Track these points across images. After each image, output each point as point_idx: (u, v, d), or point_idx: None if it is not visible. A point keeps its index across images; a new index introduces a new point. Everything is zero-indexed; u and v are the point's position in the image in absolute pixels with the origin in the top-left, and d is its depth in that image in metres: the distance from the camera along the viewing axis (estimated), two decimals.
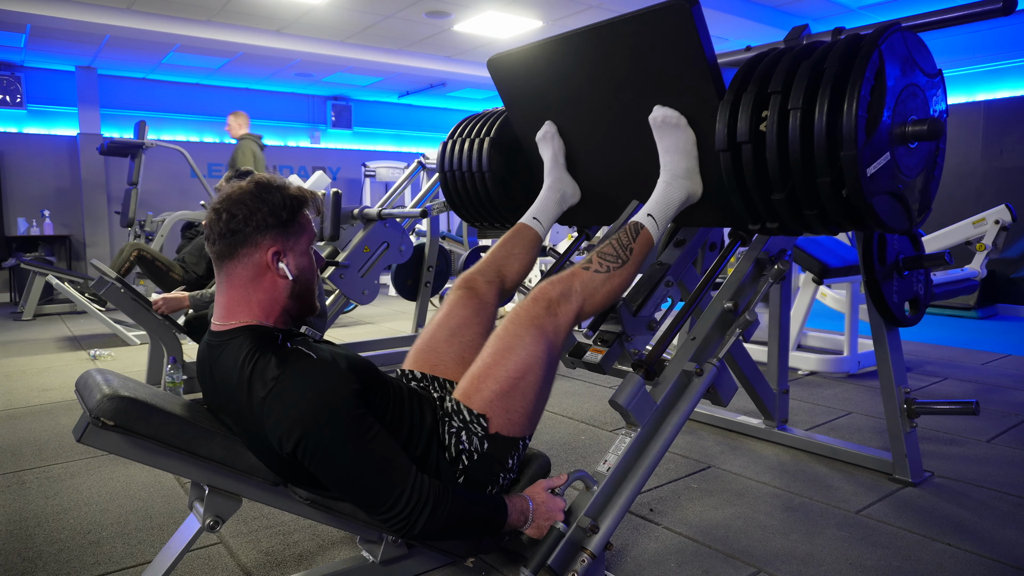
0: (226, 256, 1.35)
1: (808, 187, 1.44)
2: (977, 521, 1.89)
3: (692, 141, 1.68)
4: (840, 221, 1.49)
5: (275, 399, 1.23)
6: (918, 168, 1.54)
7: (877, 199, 1.42)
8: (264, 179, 1.38)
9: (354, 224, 3.92)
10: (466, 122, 2.39)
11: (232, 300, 1.36)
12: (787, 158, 1.43)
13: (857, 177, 1.36)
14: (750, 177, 1.50)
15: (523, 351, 1.44)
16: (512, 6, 5.61)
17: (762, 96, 1.47)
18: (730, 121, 1.51)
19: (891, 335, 2.16)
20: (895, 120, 1.43)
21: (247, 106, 8.73)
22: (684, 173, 1.69)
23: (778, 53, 1.54)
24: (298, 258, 1.39)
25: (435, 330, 1.70)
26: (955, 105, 6.24)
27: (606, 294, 1.57)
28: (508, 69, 2.02)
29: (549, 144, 2.00)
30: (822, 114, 1.36)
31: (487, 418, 1.41)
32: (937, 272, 3.79)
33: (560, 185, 2.00)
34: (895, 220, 1.50)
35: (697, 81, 1.61)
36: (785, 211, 1.51)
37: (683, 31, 1.56)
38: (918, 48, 1.50)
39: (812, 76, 1.40)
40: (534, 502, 1.44)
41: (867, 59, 1.35)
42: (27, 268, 5.66)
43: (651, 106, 1.71)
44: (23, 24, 5.75)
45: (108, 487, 2.17)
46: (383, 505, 1.25)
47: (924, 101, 1.52)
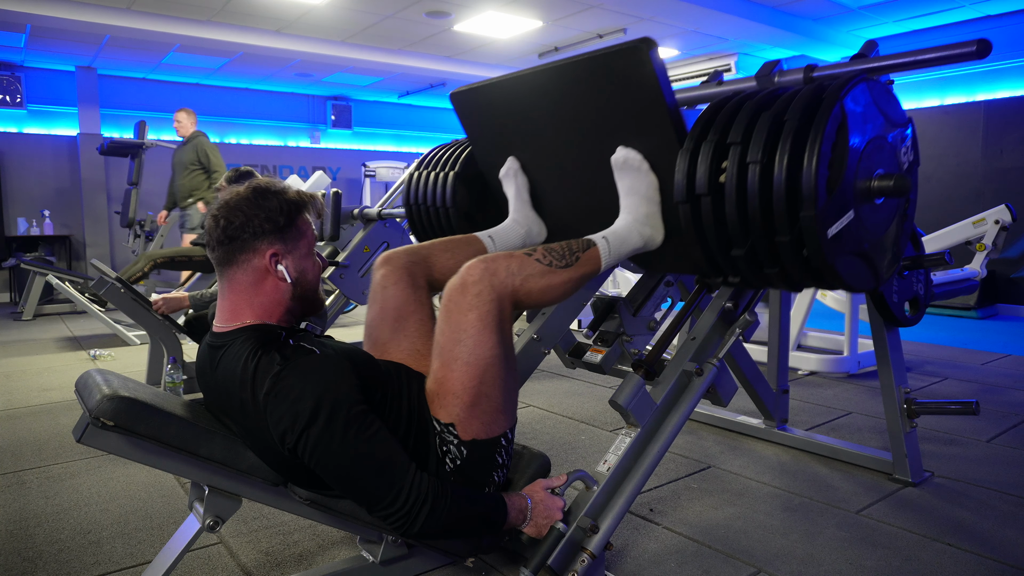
0: (226, 262, 1.36)
1: (768, 245, 1.37)
2: (977, 521, 1.89)
3: (654, 186, 1.62)
4: (803, 280, 1.42)
5: (278, 395, 1.23)
6: (886, 224, 1.47)
7: (840, 260, 1.35)
8: (262, 184, 1.38)
9: (354, 224, 3.92)
10: (434, 152, 2.34)
11: (234, 304, 1.37)
12: (746, 214, 1.37)
13: (817, 239, 1.30)
14: (710, 231, 1.44)
15: (471, 355, 1.36)
16: (512, 6, 5.61)
17: (722, 146, 1.41)
18: (688, 171, 1.44)
19: (891, 335, 2.16)
20: (859, 176, 1.36)
21: (247, 106, 8.76)
22: (644, 219, 1.63)
23: (740, 99, 1.47)
24: (298, 261, 1.39)
25: (376, 328, 1.64)
26: (955, 105, 6.24)
27: (543, 288, 1.46)
28: (470, 104, 1.96)
29: (512, 181, 1.95)
30: (781, 170, 1.30)
31: (456, 427, 1.39)
32: (937, 272, 3.79)
33: (526, 222, 1.95)
34: (860, 281, 1.44)
35: (657, 125, 1.55)
36: (746, 268, 1.45)
37: (641, 74, 1.50)
38: (885, 97, 1.43)
39: (772, 128, 1.34)
40: (533, 501, 1.44)
41: (828, 113, 1.28)
42: (27, 268, 5.66)
43: (613, 146, 1.65)
44: (23, 24, 5.75)
45: (108, 487, 2.17)
46: (383, 502, 1.25)
47: (891, 153, 1.45)
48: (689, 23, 5.90)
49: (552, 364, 3.86)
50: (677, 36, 6.47)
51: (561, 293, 1.51)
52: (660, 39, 6.59)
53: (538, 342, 2.02)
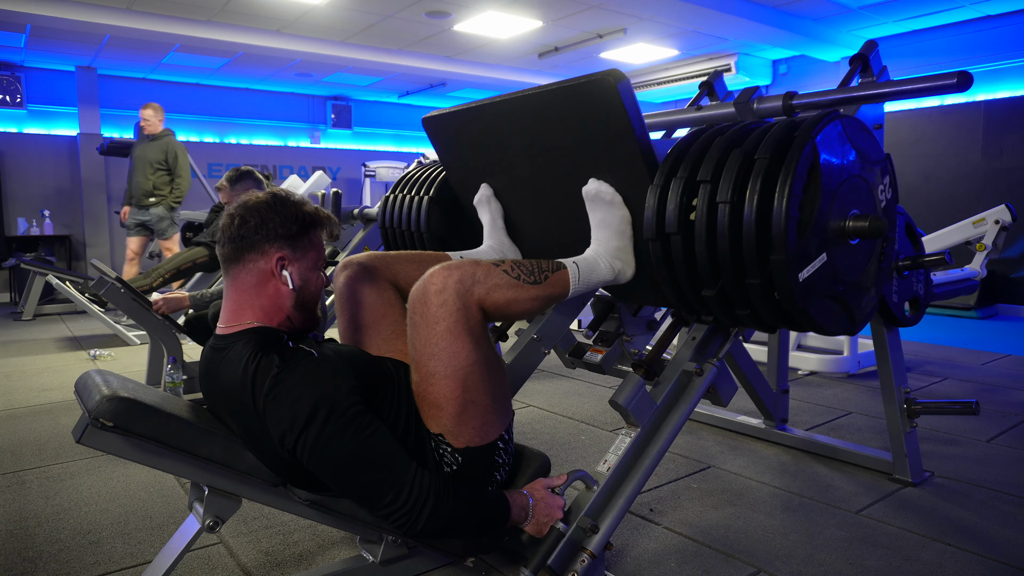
0: (233, 260, 1.37)
1: (739, 287, 1.35)
2: (977, 521, 1.89)
3: (626, 220, 1.60)
4: (775, 323, 1.39)
5: (277, 396, 1.24)
6: (862, 265, 1.43)
7: (813, 304, 1.32)
8: (283, 193, 1.41)
9: (354, 224, 3.92)
10: (410, 173, 2.33)
11: (237, 304, 1.38)
12: (716, 254, 1.34)
13: (788, 282, 1.27)
14: (679, 270, 1.42)
15: (447, 367, 1.33)
16: (512, 6, 5.61)
17: (692, 183, 1.38)
18: (658, 208, 1.42)
19: (891, 335, 2.16)
20: (832, 216, 1.33)
21: (247, 106, 8.76)
22: (614, 251, 1.62)
23: (711, 134, 1.45)
24: (304, 271, 1.41)
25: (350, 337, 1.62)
26: (955, 105, 6.24)
27: (508, 300, 1.41)
28: (443, 129, 1.95)
29: (486, 207, 1.94)
30: (751, 210, 1.27)
31: (446, 438, 1.39)
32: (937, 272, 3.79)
33: (501, 248, 1.94)
34: (835, 325, 1.40)
35: (629, 157, 1.52)
36: (716, 309, 1.42)
37: (611, 106, 1.47)
38: (860, 134, 1.40)
39: (743, 167, 1.31)
40: (534, 499, 1.44)
41: (799, 153, 1.26)
42: (27, 268, 5.66)
43: (586, 177, 1.63)
44: (23, 24, 5.75)
45: (108, 487, 2.17)
46: (384, 501, 1.25)
47: (868, 191, 1.41)
48: (689, 23, 5.90)
49: (552, 364, 3.86)
50: (677, 36, 6.47)
51: (526, 309, 1.47)
52: (660, 39, 6.59)
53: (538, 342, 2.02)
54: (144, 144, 5.68)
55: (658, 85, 7.89)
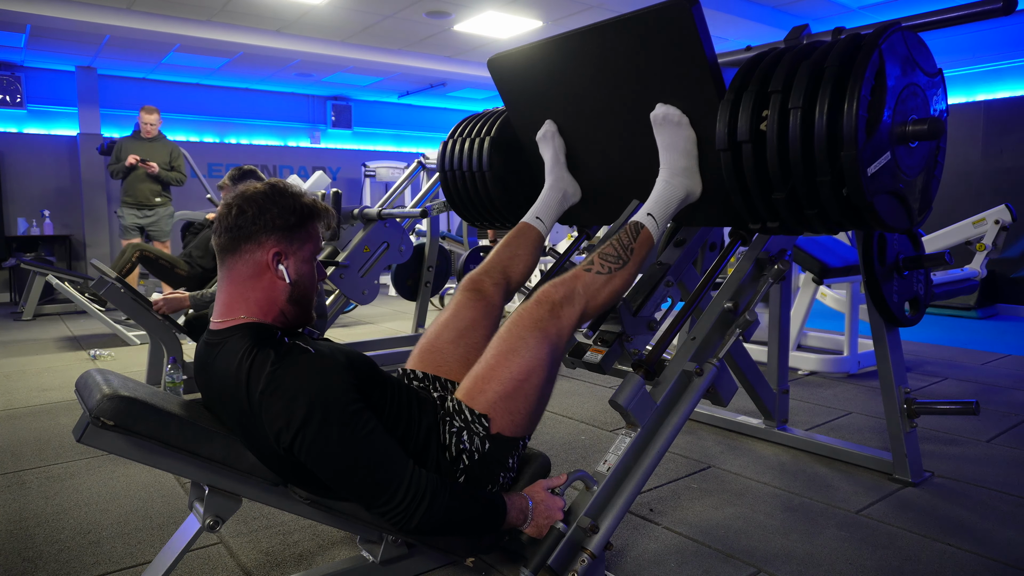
0: (229, 250, 1.37)
1: (808, 186, 1.43)
2: (977, 521, 1.89)
3: (692, 140, 1.67)
4: (841, 220, 1.48)
5: (273, 393, 1.23)
6: (918, 167, 1.54)
7: (878, 198, 1.41)
8: (281, 184, 1.42)
9: (354, 224, 3.92)
10: (466, 122, 2.38)
11: (231, 297, 1.37)
12: (787, 157, 1.43)
13: (858, 177, 1.35)
14: (750, 176, 1.50)
15: (527, 353, 1.44)
16: (512, 6, 5.61)
17: (762, 95, 1.46)
18: (730, 121, 1.50)
19: (891, 335, 2.16)
20: (895, 120, 1.43)
21: (247, 106, 8.76)
22: (683, 171, 1.68)
23: (778, 53, 1.53)
24: (299, 264, 1.40)
25: (440, 330, 1.70)
26: (955, 105, 6.24)
27: (608, 295, 1.58)
28: (508, 69, 2.02)
29: (549, 143, 2.00)
30: (822, 114, 1.36)
31: (489, 419, 1.42)
32: (937, 272, 3.79)
33: (561, 184, 2.00)
34: (896, 219, 1.50)
35: (698, 81, 1.60)
36: (785, 210, 1.50)
37: (683, 31, 1.56)
38: (918, 48, 1.49)
39: (812, 75, 1.40)
40: (533, 501, 1.44)
41: (867, 58, 1.34)
42: (27, 268, 5.66)
43: (652, 105, 1.71)
44: (23, 24, 5.75)
45: (108, 487, 2.17)
46: (380, 498, 1.25)
47: (924, 100, 1.51)
48: None
49: None
50: None
51: (627, 286, 1.62)
52: None
53: None
54: (143, 145, 5.71)
55: None
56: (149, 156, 5.66)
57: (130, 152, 5.65)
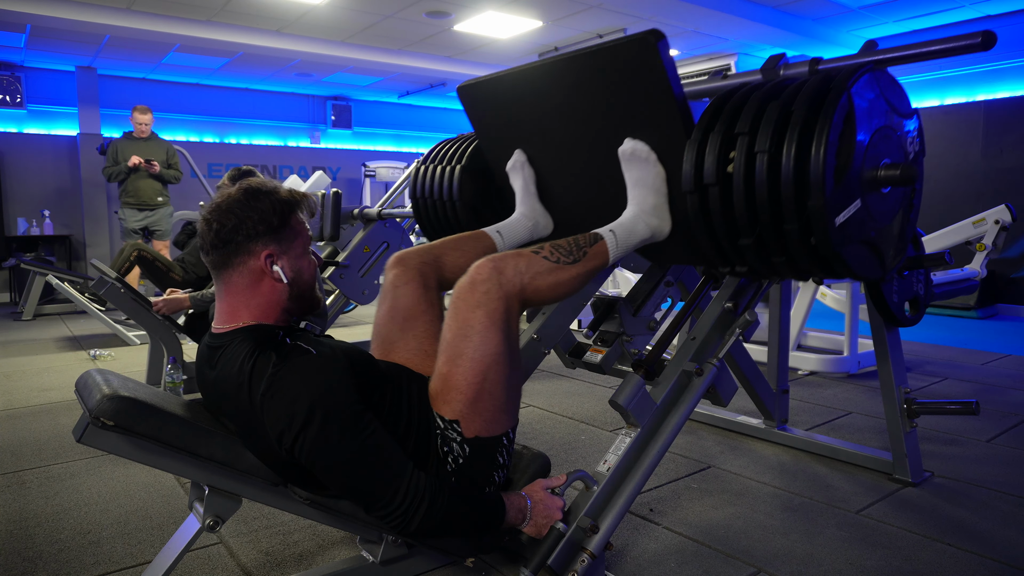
0: (222, 266, 1.36)
1: (776, 234, 1.38)
2: (977, 521, 1.89)
3: (661, 177, 1.62)
4: (810, 269, 1.43)
5: (274, 395, 1.23)
6: (892, 213, 1.48)
7: (847, 248, 1.37)
8: (253, 185, 1.38)
9: (354, 224, 3.92)
10: (440, 147, 2.35)
11: (231, 306, 1.37)
12: (754, 203, 1.38)
13: (825, 227, 1.31)
14: (717, 220, 1.45)
15: (477, 351, 1.36)
16: (512, 6, 5.61)
17: (730, 136, 1.42)
18: (696, 161, 1.45)
19: (891, 335, 2.16)
20: (866, 165, 1.38)
21: (247, 106, 8.76)
22: (651, 209, 1.63)
23: (748, 90, 1.48)
24: (294, 261, 1.39)
25: (386, 327, 1.64)
26: (955, 105, 6.24)
27: (551, 284, 1.47)
28: (478, 97, 1.97)
29: (519, 173, 1.95)
30: (789, 159, 1.31)
31: (460, 424, 1.39)
32: (937, 272, 3.79)
33: (533, 215, 1.95)
34: (866, 269, 1.45)
35: (665, 116, 1.55)
36: (753, 257, 1.45)
37: (650, 66, 1.50)
38: (891, 88, 1.44)
39: (780, 118, 1.35)
40: (532, 500, 1.44)
41: (836, 102, 1.29)
42: (27, 268, 5.66)
43: (621, 138, 1.66)
44: (23, 24, 5.75)
45: (108, 487, 2.17)
46: (379, 501, 1.25)
47: (898, 143, 1.46)
48: (689, 23, 5.90)
49: (552, 364, 3.86)
50: (677, 36, 6.46)
51: (569, 289, 1.52)
52: None
53: (538, 342, 2.02)
54: (139, 145, 5.72)
55: None
56: (147, 156, 5.67)
57: (127, 153, 5.65)
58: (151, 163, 5.62)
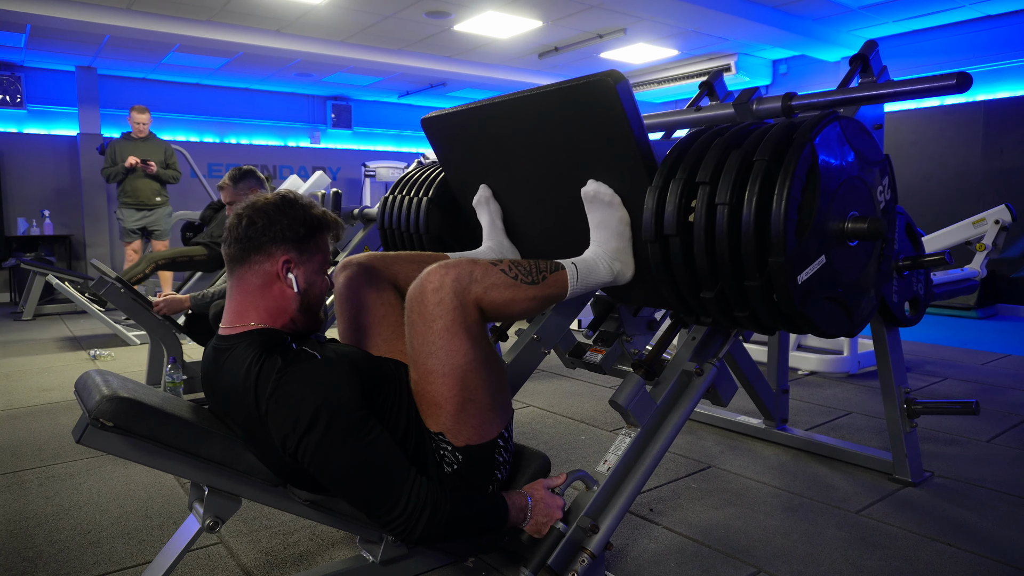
0: (239, 261, 1.37)
1: (737, 289, 1.35)
2: (977, 521, 1.89)
3: (625, 221, 1.59)
4: (774, 325, 1.39)
5: (279, 400, 1.24)
6: (860, 266, 1.43)
7: (811, 306, 1.32)
8: (291, 195, 1.41)
9: (354, 224, 3.92)
10: (409, 174, 2.34)
11: (241, 305, 1.38)
12: (715, 256, 1.34)
13: (787, 284, 1.26)
14: (679, 271, 1.41)
15: (445, 365, 1.32)
16: (512, 6, 5.61)
17: (691, 184, 1.38)
18: (657, 210, 1.42)
19: (891, 335, 2.16)
20: (831, 218, 1.33)
21: (247, 106, 8.76)
22: (614, 253, 1.60)
23: (710, 135, 1.44)
24: (309, 274, 1.41)
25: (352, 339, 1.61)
26: (955, 105, 6.24)
27: (506, 300, 1.39)
28: (442, 130, 1.94)
29: (485, 208, 1.93)
30: (750, 213, 1.27)
31: (447, 436, 1.38)
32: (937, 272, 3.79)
33: (500, 249, 1.93)
34: (833, 326, 1.40)
35: (627, 159, 1.52)
36: (715, 311, 1.42)
37: (610, 108, 1.47)
38: (859, 136, 1.39)
39: (742, 168, 1.31)
40: (533, 499, 1.44)
41: (797, 155, 1.25)
42: (27, 268, 5.66)
43: (585, 177, 1.62)
44: (23, 24, 5.75)
45: (108, 487, 2.17)
46: (382, 508, 1.25)
47: (866, 193, 1.41)
48: (689, 23, 5.90)
49: (552, 364, 3.86)
50: (677, 36, 6.46)
51: (523, 309, 1.45)
52: (660, 39, 6.59)
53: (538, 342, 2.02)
54: (138, 145, 5.71)
55: (658, 85, 7.89)
56: (145, 156, 5.67)
57: (125, 153, 5.65)
58: (147, 163, 5.62)
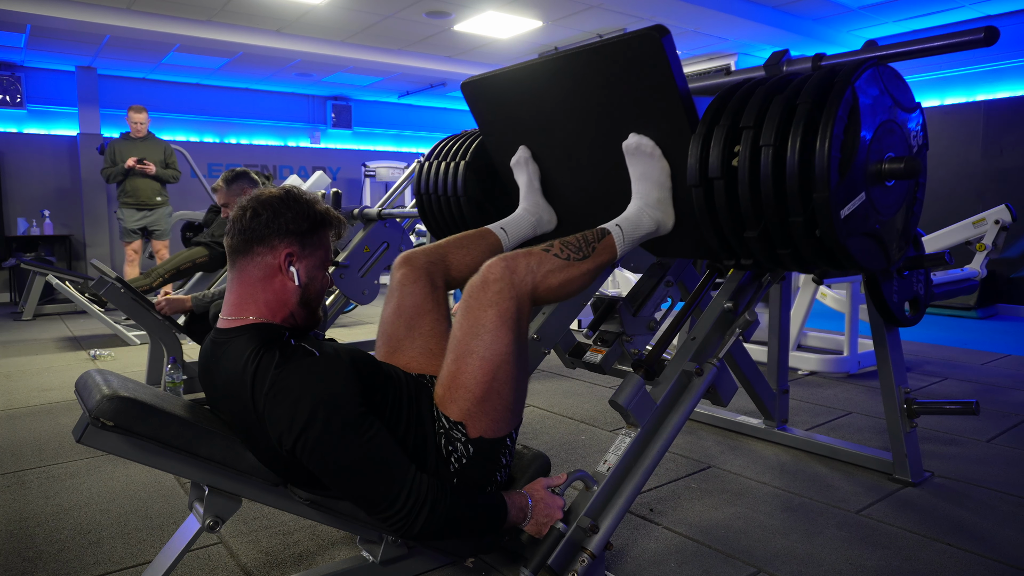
0: (241, 252, 1.38)
1: (781, 226, 1.39)
2: (977, 521, 1.89)
3: (666, 171, 1.64)
4: (815, 261, 1.44)
5: (277, 396, 1.23)
6: (896, 206, 1.50)
7: (852, 240, 1.38)
8: (296, 191, 1.43)
9: (354, 224, 3.92)
10: (443, 143, 2.35)
11: (241, 297, 1.38)
12: (759, 196, 1.39)
13: (830, 219, 1.32)
14: (722, 213, 1.46)
15: (487, 349, 1.36)
16: (512, 6, 5.61)
17: (734, 130, 1.43)
18: (701, 155, 1.46)
19: (891, 335, 2.16)
20: (870, 158, 1.39)
21: (247, 106, 8.76)
22: (656, 203, 1.65)
23: (752, 85, 1.49)
24: (310, 269, 1.42)
25: (392, 325, 1.65)
26: (955, 105, 6.24)
27: (562, 281, 1.48)
28: (482, 94, 1.98)
29: (524, 169, 1.97)
30: (794, 153, 1.32)
31: (465, 425, 1.39)
32: (937, 272, 3.79)
33: (536, 210, 1.97)
34: (871, 260, 1.46)
35: (670, 111, 1.57)
36: (758, 249, 1.46)
37: (655, 61, 1.52)
38: (894, 82, 1.45)
39: (784, 112, 1.36)
40: (533, 499, 1.44)
41: (840, 97, 1.30)
42: (27, 268, 5.66)
43: (625, 133, 1.67)
44: (23, 24, 5.75)
45: (108, 487, 2.17)
46: (381, 504, 1.25)
47: (902, 137, 1.47)
48: (689, 23, 5.90)
49: (552, 364, 3.85)
50: (677, 36, 6.45)
51: (580, 285, 1.53)
52: None
53: (538, 342, 2.02)
54: (137, 145, 5.71)
55: None
56: (144, 156, 5.67)
57: (124, 154, 5.65)
58: (145, 163, 5.62)
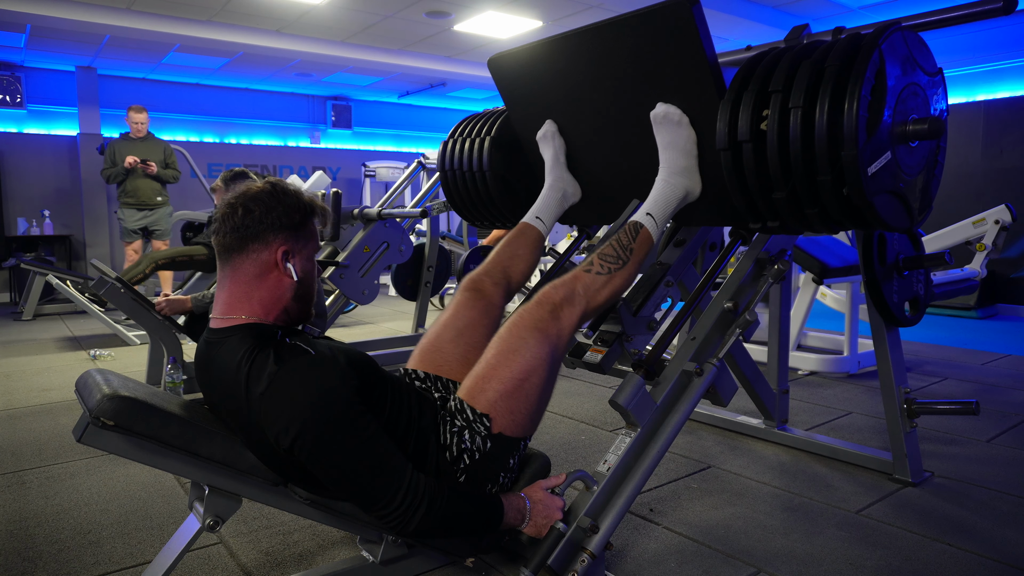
0: (234, 249, 1.35)
1: (809, 186, 1.44)
2: (977, 521, 1.89)
3: (692, 139, 1.68)
4: (841, 220, 1.49)
5: (273, 395, 1.23)
6: (919, 167, 1.55)
7: (878, 198, 1.42)
8: (280, 182, 1.43)
9: (354, 224, 3.92)
10: (466, 122, 2.39)
11: (234, 296, 1.36)
12: (788, 157, 1.43)
13: (858, 176, 1.36)
14: (751, 176, 1.50)
15: (527, 353, 1.44)
16: (512, 6, 5.62)
17: (763, 95, 1.47)
18: (731, 120, 1.51)
19: (891, 335, 2.16)
20: (896, 119, 1.44)
21: (247, 106, 8.76)
22: (682, 171, 1.69)
23: (779, 52, 1.54)
24: (304, 262, 1.42)
25: (441, 330, 1.71)
26: (955, 105, 6.24)
27: (608, 295, 1.58)
28: (509, 68, 2.02)
29: (550, 143, 2.01)
30: (823, 113, 1.37)
31: (490, 418, 1.42)
32: (937, 272, 3.79)
33: (561, 184, 2.01)
34: (896, 219, 1.51)
35: (698, 80, 1.61)
36: (786, 210, 1.51)
37: (684, 30, 1.56)
38: (918, 47, 1.50)
39: (813, 75, 1.41)
40: (532, 501, 1.44)
41: (868, 58, 1.35)
42: (27, 268, 5.66)
43: (652, 104, 1.71)
44: (23, 24, 5.75)
45: (108, 487, 2.17)
46: (379, 502, 1.26)
47: (925, 100, 1.52)
48: None
49: None
50: None
51: (624, 287, 1.62)
52: None
53: None
54: (137, 145, 5.71)
55: None
56: (144, 155, 5.67)
57: (124, 154, 5.65)
58: (147, 163, 5.62)
